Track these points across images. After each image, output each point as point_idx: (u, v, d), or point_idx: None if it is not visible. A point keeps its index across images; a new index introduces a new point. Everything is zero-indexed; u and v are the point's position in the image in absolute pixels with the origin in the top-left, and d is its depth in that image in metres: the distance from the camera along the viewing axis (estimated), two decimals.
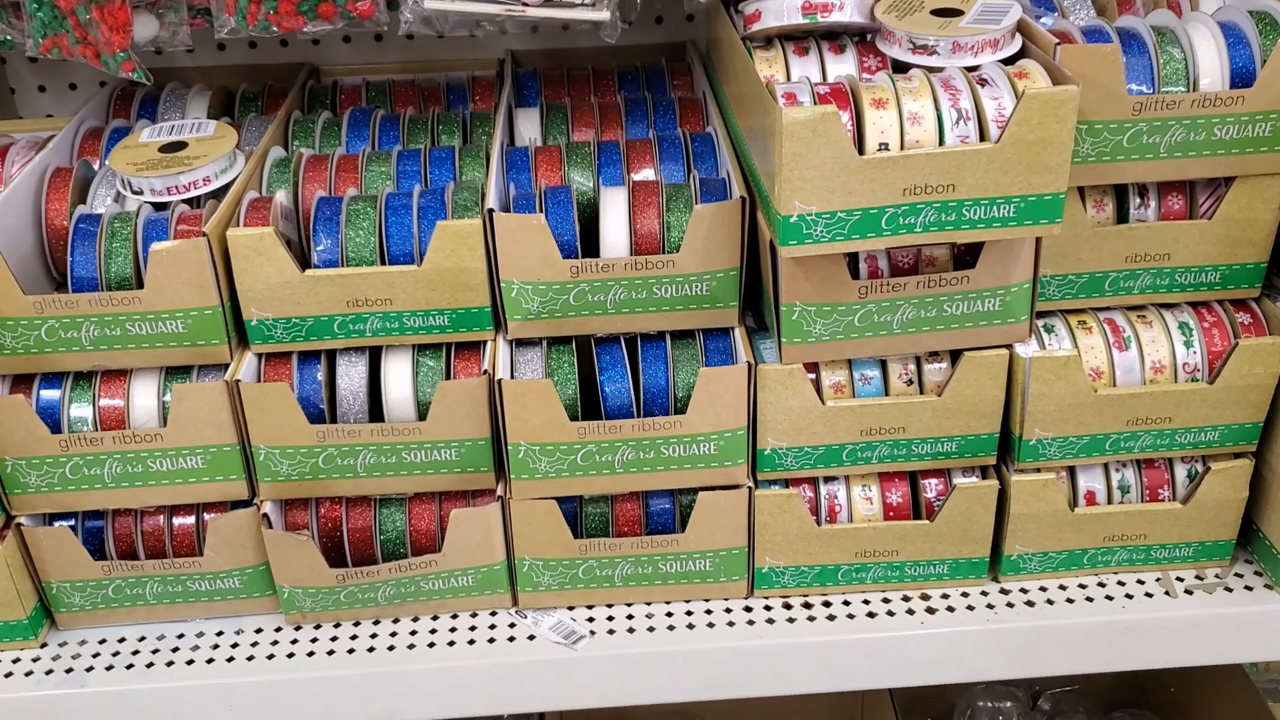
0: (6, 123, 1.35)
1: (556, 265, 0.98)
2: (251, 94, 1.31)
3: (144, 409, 1.03)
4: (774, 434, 1.02)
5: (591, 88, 1.30)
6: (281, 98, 1.30)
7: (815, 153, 0.86)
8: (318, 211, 1.03)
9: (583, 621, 1.08)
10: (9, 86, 1.41)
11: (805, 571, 1.08)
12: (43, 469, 1.02)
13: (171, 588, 1.08)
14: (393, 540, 1.07)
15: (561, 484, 1.03)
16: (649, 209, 1.01)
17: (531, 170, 1.11)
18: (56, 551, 1.05)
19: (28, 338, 0.99)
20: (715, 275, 1.00)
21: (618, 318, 1.02)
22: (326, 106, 1.30)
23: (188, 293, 0.98)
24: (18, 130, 1.30)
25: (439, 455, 1.03)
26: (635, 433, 1.00)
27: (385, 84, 1.32)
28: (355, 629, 1.09)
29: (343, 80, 1.34)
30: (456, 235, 0.98)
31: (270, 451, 1.02)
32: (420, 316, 1.02)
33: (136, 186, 1.06)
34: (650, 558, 1.06)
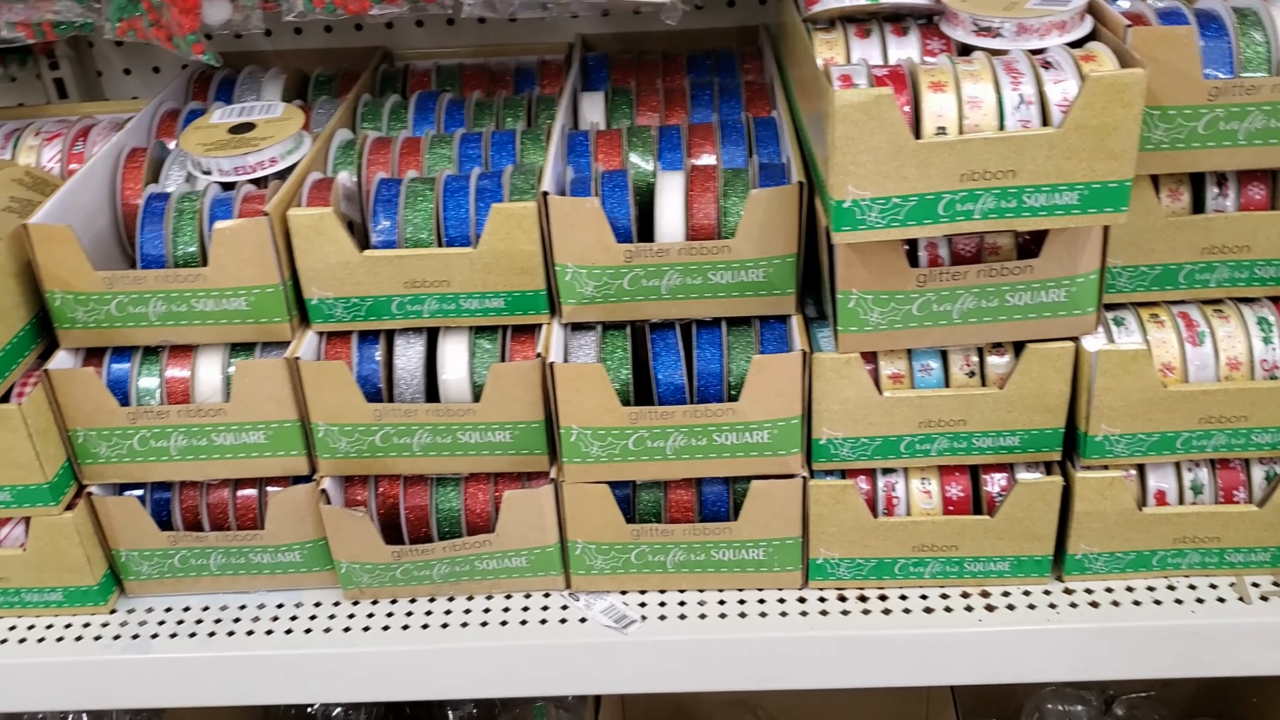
0: (92, 104, 1.39)
1: (611, 249, 0.98)
2: (325, 77, 1.33)
3: (208, 384, 1.05)
4: (829, 424, 1.01)
5: (660, 72, 1.29)
6: (355, 81, 1.32)
7: (869, 136, 0.84)
8: (378, 193, 1.04)
9: (634, 606, 1.08)
10: (96, 69, 1.45)
11: (861, 564, 1.06)
12: (112, 440, 1.05)
13: (234, 559, 1.10)
14: (448, 519, 1.08)
15: (613, 469, 1.03)
16: (705, 193, 1.00)
17: (591, 154, 1.11)
18: (125, 521, 1.08)
19: (98, 312, 1.02)
20: (772, 261, 0.99)
21: (672, 303, 1.01)
22: (397, 90, 1.31)
23: (250, 271, 1.00)
24: (102, 112, 1.34)
25: (493, 437, 1.04)
26: (687, 419, 1.00)
27: (455, 68, 1.32)
28: (410, 606, 1.10)
29: (414, 64, 1.36)
30: (512, 218, 0.98)
31: (329, 428, 1.04)
32: (476, 299, 1.02)
33: (205, 166, 1.09)
34: (703, 545, 1.06)
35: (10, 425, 1.01)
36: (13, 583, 1.09)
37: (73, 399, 1.03)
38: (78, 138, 1.25)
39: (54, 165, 1.24)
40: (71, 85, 1.42)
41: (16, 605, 1.11)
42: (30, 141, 1.26)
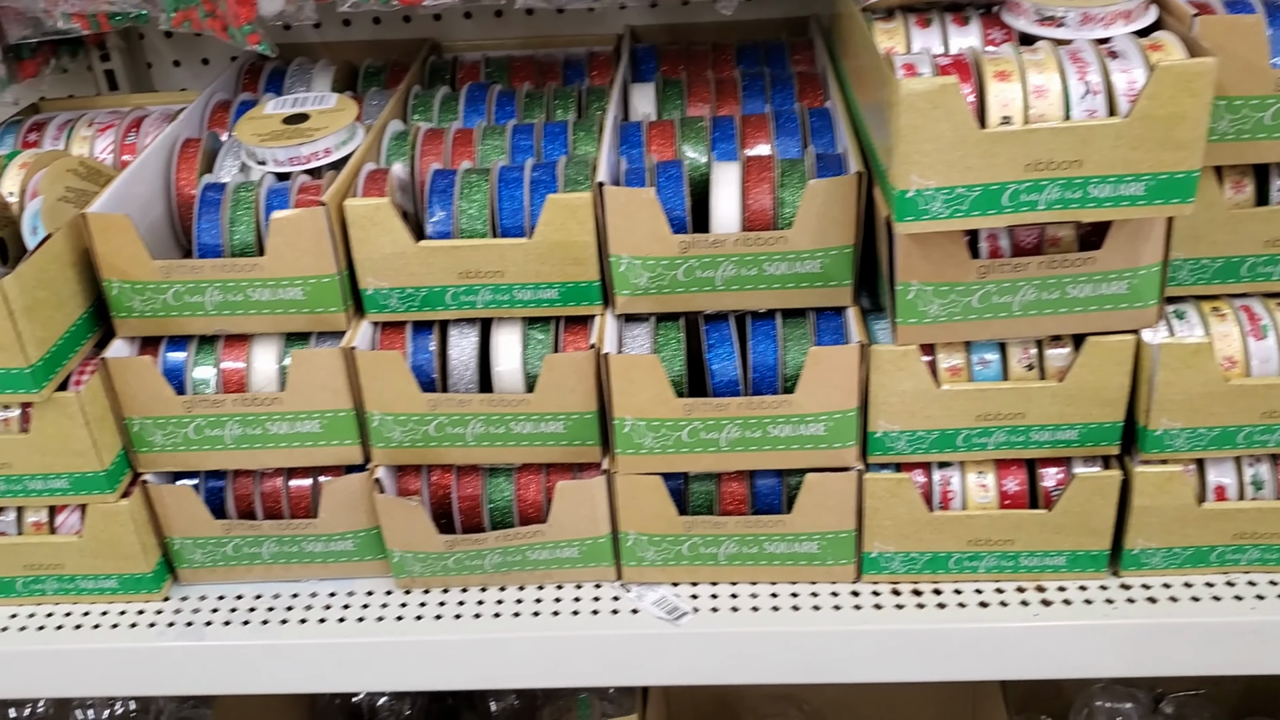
0: (142, 95, 1.40)
1: (666, 240, 0.98)
2: (375, 69, 1.33)
3: (264, 373, 1.05)
4: (886, 417, 1.00)
5: (710, 62, 1.29)
6: (404, 73, 1.32)
7: (933, 125, 0.83)
8: (432, 183, 1.04)
9: (686, 598, 1.07)
10: (146, 61, 1.46)
11: (915, 558, 1.06)
12: (167, 428, 1.06)
13: (287, 548, 1.11)
14: (501, 509, 1.08)
15: (666, 460, 1.02)
16: (761, 184, 0.99)
17: (644, 145, 1.10)
18: (179, 509, 1.09)
19: (155, 301, 1.03)
20: (829, 253, 0.98)
21: (727, 294, 1.01)
22: (446, 81, 1.31)
23: (307, 260, 1.00)
24: (153, 103, 1.35)
25: (546, 427, 1.04)
26: (742, 411, 0.99)
27: (504, 59, 1.32)
28: (462, 595, 1.10)
29: (463, 56, 1.36)
30: (566, 208, 0.98)
31: (384, 418, 1.04)
32: (530, 289, 1.02)
33: (260, 157, 1.09)
34: (756, 537, 1.05)
35: (68, 413, 1.01)
36: (68, 569, 1.10)
37: (129, 387, 1.04)
38: (130, 129, 1.26)
39: (107, 156, 1.25)
40: (122, 77, 1.43)
41: (71, 592, 1.12)
42: (83, 132, 1.27)
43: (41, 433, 1.02)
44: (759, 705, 1.53)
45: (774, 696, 1.53)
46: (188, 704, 1.47)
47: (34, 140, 1.28)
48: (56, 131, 1.27)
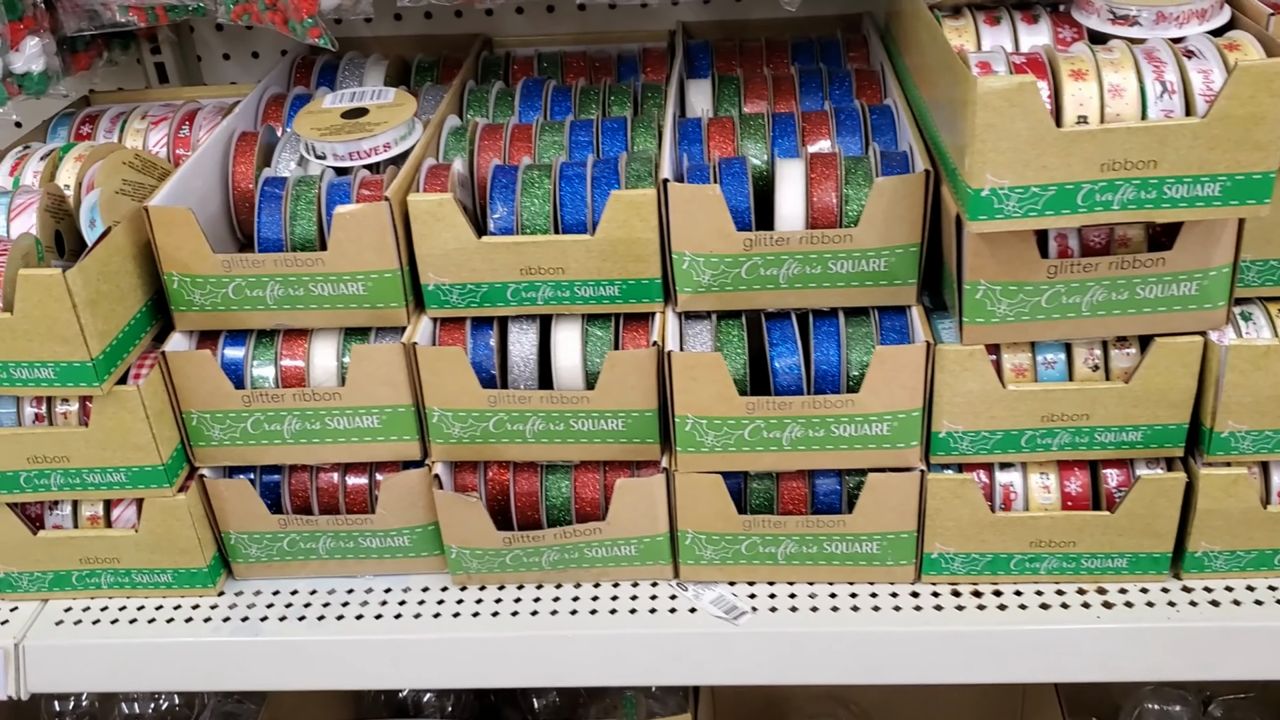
0: (192, 89, 1.40)
1: (730, 237, 0.97)
2: (427, 64, 1.33)
3: (323, 368, 1.05)
4: (950, 417, 0.99)
5: (764, 59, 1.28)
6: (456, 68, 1.32)
7: (1010, 124, 0.83)
8: (494, 179, 1.03)
9: (744, 598, 1.07)
10: (195, 54, 1.46)
11: (976, 559, 1.05)
12: (225, 423, 1.06)
13: (344, 543, 1.10)
14: (558, 506, 1.08)
15: (727, 459, 1.02)
16: (826, 181, 0.99)
17: (704, 141, 1.10)
18: (236, 503, 1.09)
19: (215, 295, 1.02)
20: (894, 251, 0.97)
21: (790, 293, 1.00)
22: (500, 77, 1.31)
23: (369, 256, 1.00)
24: (204, 96, 1.35)
25: (606, 425, 1.03)
26: (805, 410, 0.99)
27: (557, 55, 1.32)
28: (518, 592, 1.10)
29: (516, 51, 1.35)
30: (630, 205, 0.98)
31: (443, 414, 1.04)
32: (591, 286, 1.02)
33: (319, 151, 1.09)
34: (815, 537, 1.05)
35: (129, 406, 1.01)
36: (124, 563, 1.10)
37: (188, 381, 1.04)
38: (183, 122, 1.26)
39: (160, 149, 1.25)
40: (172, 69, 1.43)
41: (126, 585, 1.12)
42: (136, 125, 1.27)
43: (101, 426, 1.02)
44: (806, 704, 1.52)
45: (821, 696, 1.52)
46: (232, 698, 1.47)
47: (87, 133, 1.28)
48: (110, 124, 1.28)
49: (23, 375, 0.99)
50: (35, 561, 1.11)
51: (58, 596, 1.13)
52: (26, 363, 0.98)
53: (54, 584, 1.12)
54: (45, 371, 0.99)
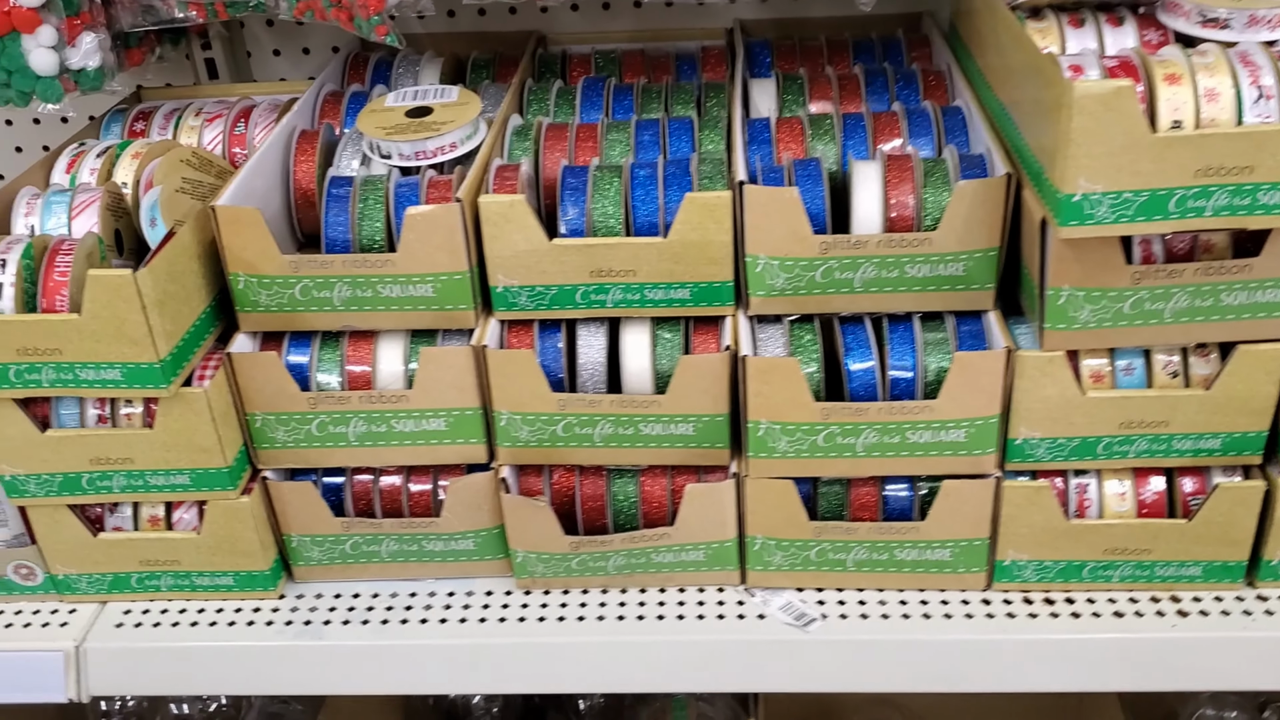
0: (242, 85, 1.39)
1: (806, 240, 0.96)
2: (483, 61, 1.32)
3: (390, 371, 1.04)
4: (1027, 423, 0.98)
5: (825, 58, 1.27)
6: (512, 66, 1.31)
7: (1106, 129, 0.81)
8: (564, 180, 1.02)
9: (812, 604, 1.06)
10: (246, 50, 1.45)
11: (1048, 566, 1.04)
12: (290, 425, 1.05)
13: (407, 546, 1.09)
14: (624, 510, 1.07)
15: (800, 464, 1.01)
16: (904, 183, 0.98)
17: (773, 142, 1.08)
18: (299, 506, 1.08)
19: (281, 296, 1.01)
20: (973, 255, 0.96)
21: (865, 296, 0.99)
22: (556, 75, 1.29)
23: (439, 257, 0.99)
24: (254, 93, 1.34)
25: (676, 429, 1.02)
26: (882, 416, 0.97)
27: (614, 53, 1.31)
28: (583, 597, 1.09)
29: (571, 49, 1.34)
30: (704, 207, 0.96)
31: (512, 417, 1.03)
32: (662, 289, 1.01)
33: (384, 150, 1.08)
34: (887, 544, 1.04)
35: (195, 409, 1.00)
36: (184, 566, 1.09)
37: (254, 383, 1.03)
38: (238, 119, 1.25)
39: (215, 146, 1.24)
40: (222, 65, 1.42)
41: (186, 588, 1.11)
42: (191, 122, 1.26)
43: (166, 428, 1.01)
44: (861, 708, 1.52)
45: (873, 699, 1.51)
46: (278, 699, 1.46)
47: (140, 129, 1.27)
48: (164, 121, 1.27)
49: (89, 376, 0.98)
50: (95, 563, 1.10)
51: (117, 599, 1.12)
52: (93, 364, 0.97)
53: (113, 586, 1.11)
54: (112, 373, 0.98)
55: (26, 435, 1.02)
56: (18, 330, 0.96)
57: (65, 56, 1.15)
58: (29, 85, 1.15)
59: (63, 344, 0.96)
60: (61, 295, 0.97)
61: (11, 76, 1.14)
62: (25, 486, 1.05)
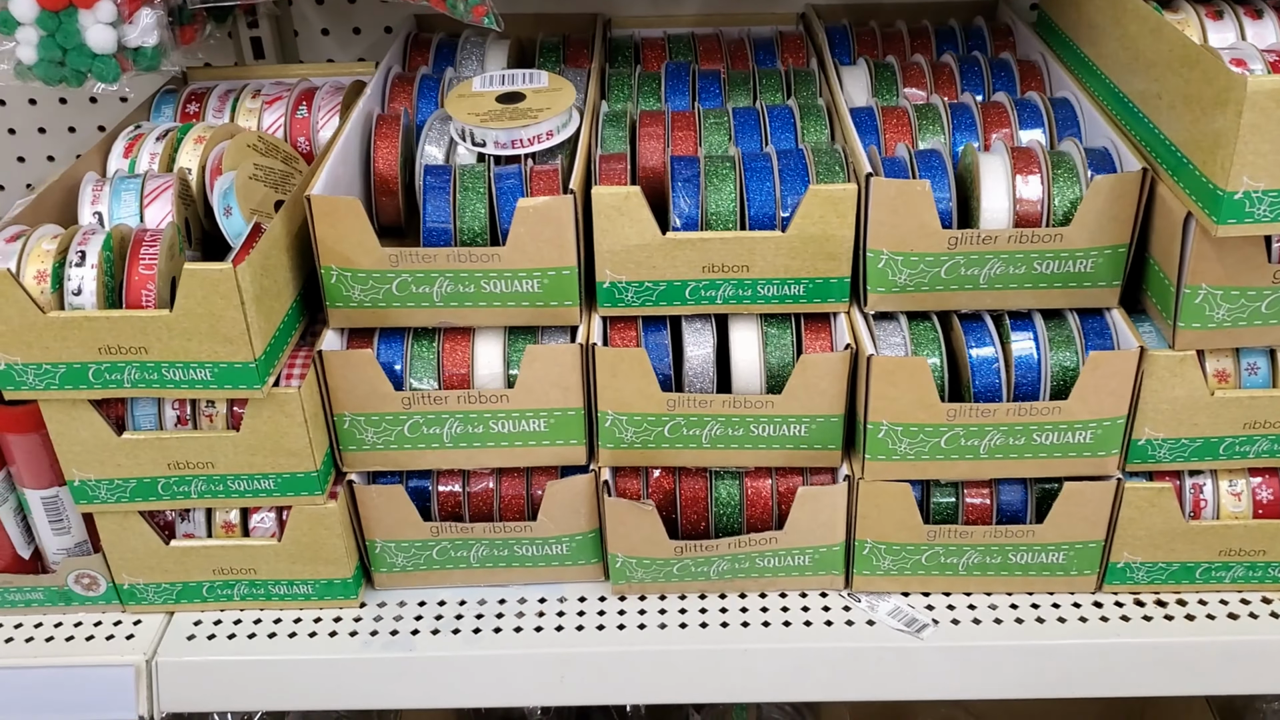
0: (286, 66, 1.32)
1: (935, 235, 0.93)
2: (551, 44, 1.27)
3: (488, 370, 0.99)
4: (1152, 424, 0.96)
5: (906, 46, 1.24)
6: (580, 49, 1.26)
7: (1276, 125, 0.79)
8: (675, 171, 0.98)
9: (921, 609, 1.03)
10: (293, 29, 1.38)
11: (1162, 568, 1.02)
12: (381, 426, 1.00)
13: (497, 551, 1.05)
14: (728, 513, 1.03)
15: (919, 467, 0.98)
16: (1032, 177, 0.95)
17: (879, 132, 1.05)
18: (387, 510, 1.03)
19: (377, 291, 0.96)
20: (1102, 252, 0.93)
21: (988, 293, 0.96)
22: (629, 60, 1.25)
23: (548, 251, 0.94)
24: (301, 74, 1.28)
25: (788, 430, 0.99)
26: (1009, 418, 0.95)
27: (687, 37, 1.26)
28: (682, 602, 1.05)
29: (640, 33, 1.29)
30: (828, 200, 0.93)
31: (616, 418, 0.99)
32: (775, 284, 0.97)
33: (479, 138, 1.03)
34: (1001, 548, 1.01)
35: (287, 410, 0.95)
36: (261, 574, 1.04)
37: (345, 382, 0.98)
38: (299, 102, 1.19)
39: (277, 131, 1.18)
40: (269, 45, 1.35)
41: (261, 597, 1.05)
42: (249, 104, 1.20)
43: (255, 430, 0.96)
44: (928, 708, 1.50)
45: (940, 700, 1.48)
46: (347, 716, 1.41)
47: (194, 112, 1.20)
48: (219, 103, 1.20)
49: (175, 376, 0.92)
50: (164, 572, 1.04)
51: (184, 609, 1.06)
52: (182, 363, 0.91)
53: (181, 596, 1.05)
54: (202, 373, 0.92)
55: (101, 439, 0.96)
56: (103, 328, 0.89)
57: (123, 34, 1.08)
58: (85, 64, 1.08)
59: (150, 342, 0.90)
60: (148, 290, 0.91)
61: (68, 54, 1.07)
62: (95, 492, 0.99)
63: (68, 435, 0.96)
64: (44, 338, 0.90)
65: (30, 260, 0.91)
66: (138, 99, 1.30)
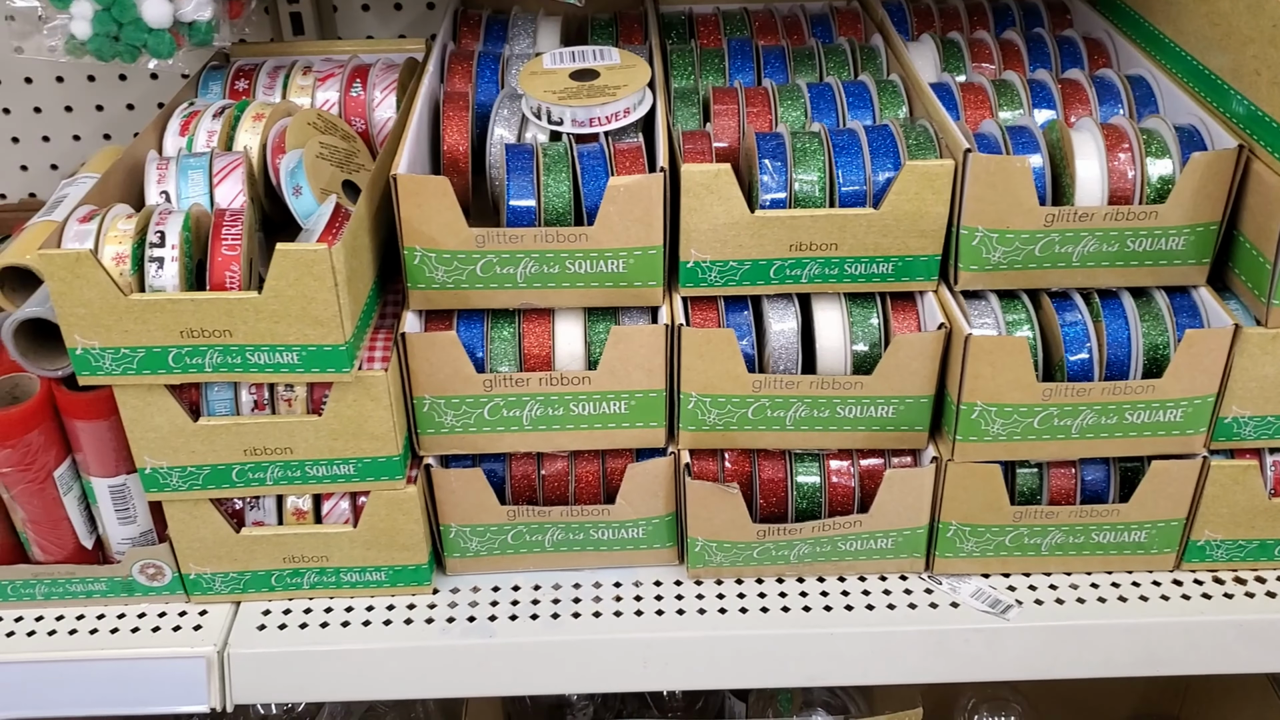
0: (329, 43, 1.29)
1: (1032, 213, 0.92)
2: (603, 21, 1.24)
3: (568, 351, 0.98)
4: (1240, 402, 0.96)
5: (965, 23, 1.23)
6: (632, 24, 1.24)
7: None
8: (761, 148, 0.96)
9: (1003, 590, 1.03)
10: (332, 4, 1.35)
11: (1242, 545, 1.02)
12: (461, 409, 0.97)
13: (573, 535, 1.03)
14: (808, 495, 1.02)
15: (1010, 448, 0.97)
16: (1124, 154, 0.94)
17: (959, 108, 1.04)
18: (465, 494, 1.01)
19: (461, 272, 0.94)
20: (1195, 230, 0.93)
21: (1079, 271, 0.95)
22: (683, 37, 1.23)
23: (636, 231, 0.92)
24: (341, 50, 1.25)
25: (877, 411, 0.98)
26: (1104, 397, 0.94)
27: (740, 13, 1.24)
28: (760, 586, 1.04)
29: (693, 8, 1.27)
30: (924, 177, 0.92)
31: (700, 399, 0.97)
32: (863, 263, 0.96)
33: (556, 116, 1.00)
34: (1085, 527, 1.01)
35: (373, 394, 0.93)
36: (333, 562, 1.01)
37: (427, 365, 0.95)
38: (353, 79, 1.16)
39: (331, 108, 1.15)
40: (309, 21, 1.32)
41: (332, 585, 1.03)
42: (300, 81, 1.17)
43: (338, 415, 0.93)
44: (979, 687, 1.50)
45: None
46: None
47: (243, 89, 1.17)
48: (268, 80, 1.17)
49: (260, 360, 0.90)
50: (233, 561, 1.01)
51: (252, 598, 1.04)
52: (268, 346, 0.89)
53: (249, 585, 1.03)
54: (289, 356, 0.89)
55: (177, 425, 0.93)
56: (187, 311, 0.87)
57: (178, 7, 1.05)
58: (140, 39, 1.05)
59: (235, 325, 0.88)
60: (232, 271, 0.88)
61: (123, 29, 1.04)
62: (167, 480, 0.96)
63: (142, 422, 0.93)
64: (124, 321, 0.87)
65: (107, 241, 0.88)
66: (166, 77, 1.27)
